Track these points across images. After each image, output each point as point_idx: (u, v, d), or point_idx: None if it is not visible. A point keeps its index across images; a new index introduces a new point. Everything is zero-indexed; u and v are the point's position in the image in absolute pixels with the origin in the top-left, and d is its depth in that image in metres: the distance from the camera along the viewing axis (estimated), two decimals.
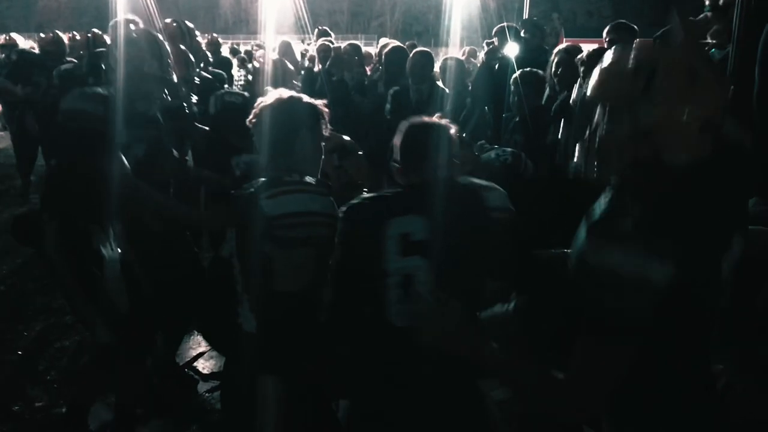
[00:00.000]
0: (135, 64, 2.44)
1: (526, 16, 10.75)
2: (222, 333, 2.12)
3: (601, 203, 1.14)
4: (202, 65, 4.42)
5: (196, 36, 4.45)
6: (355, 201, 1.70)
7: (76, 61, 5.81)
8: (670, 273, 1.03)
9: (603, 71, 1.17)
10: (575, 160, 1.25)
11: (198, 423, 2.79)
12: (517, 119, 3.37)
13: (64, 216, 2.28)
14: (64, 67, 4.79)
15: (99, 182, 2.20)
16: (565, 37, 21.18)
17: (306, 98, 1.95)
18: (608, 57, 1.18)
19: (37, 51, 6.70)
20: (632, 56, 1.13)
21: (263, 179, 1.80)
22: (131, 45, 2.47)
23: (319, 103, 1.95)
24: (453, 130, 1.76)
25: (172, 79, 2.62)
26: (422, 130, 1.72)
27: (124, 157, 2.30)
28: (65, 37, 6.59)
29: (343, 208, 1.70)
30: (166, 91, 2.65)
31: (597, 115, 1.19)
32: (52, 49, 6.12)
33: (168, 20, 4.25)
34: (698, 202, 1.08)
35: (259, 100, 1.95)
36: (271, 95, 1.91)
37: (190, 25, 4.32)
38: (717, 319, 1.18)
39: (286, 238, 1.71)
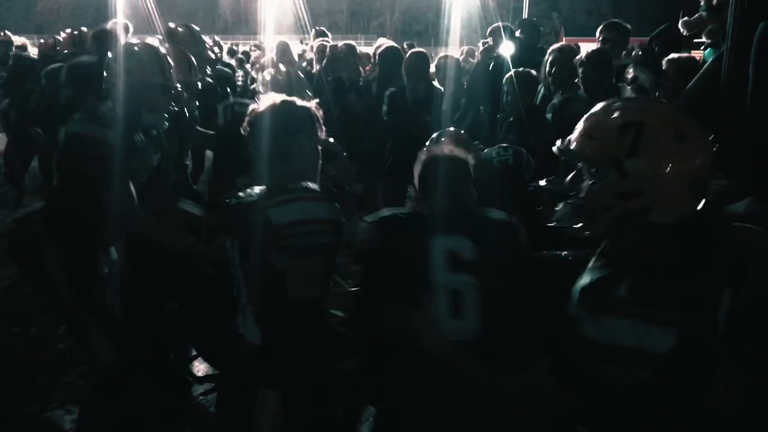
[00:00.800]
0: (137, 76, 2.40)
1: (525, 15, 10.76)
2: (216, 346, 2.09)
3: (593, 268, 1.13)
4: (207, 69, 4.35)
5: (204, 41, 4.39)
6: (385, 213, 1.72)
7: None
8: (672, 340, 1.02)
9: (588, 126, 1.17)
10: (557, 209, 1.24)
11: (192, 426, 2.78)
12: (511, 119, 3.36)
13: (66, 238, 2.24)
14: (51, 66, 4.74)
15: (102, 208, 2.16)
16: (565, 36, 21.18)
17: (299, 101, 1.92)
18: (594, 110, 1.17)
19: (32, 51, 6.65)
20: (618, 113, 1.12)
21: (263, 187, 1.75)
22: (132, 58, 2.41)
23: (313, 104, 1.92)
24: (471, 162, 1.79)
25: (175, 87, 2.57)
26: (441, 163, 1.76)
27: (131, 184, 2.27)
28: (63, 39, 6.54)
29: (370, 219, 1.70)
30: (172, 103, 2.60)
31: (581, 168, 1.18)
32: (53, 54, 6.07)
33: (172, 25, 4.19)
34: (689, 261, 1.07)
35: (252, 106, 1.92)
36: (264, 101, 1.88)
37: (196, 28, 4.27)
38: (716, 366, 1.17)
39: (295, 246, 1.66)
